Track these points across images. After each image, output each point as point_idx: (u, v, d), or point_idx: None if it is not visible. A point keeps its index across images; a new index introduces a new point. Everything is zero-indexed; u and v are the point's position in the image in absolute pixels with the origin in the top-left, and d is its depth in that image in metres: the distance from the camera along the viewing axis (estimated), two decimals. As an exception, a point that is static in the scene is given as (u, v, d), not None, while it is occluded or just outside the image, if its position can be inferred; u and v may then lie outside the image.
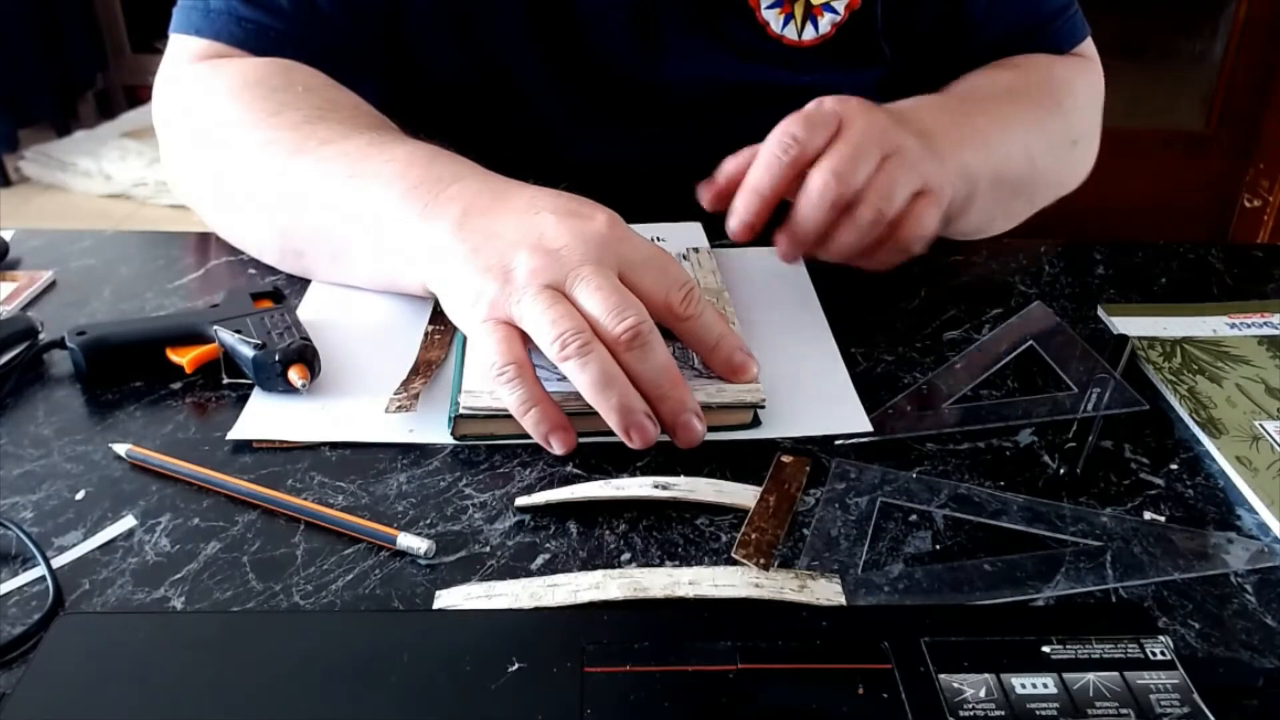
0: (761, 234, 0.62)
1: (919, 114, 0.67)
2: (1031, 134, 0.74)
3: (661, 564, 0.45)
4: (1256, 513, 0.48)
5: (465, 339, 0.56)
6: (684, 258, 0.66)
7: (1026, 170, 0.74)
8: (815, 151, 0.60)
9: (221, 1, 0.69)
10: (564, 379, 0.53)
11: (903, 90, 0.81)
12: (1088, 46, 0.82)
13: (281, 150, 0.62)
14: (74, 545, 0.46)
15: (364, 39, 0.72)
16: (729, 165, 0.64)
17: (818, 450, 0.52)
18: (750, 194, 0.61)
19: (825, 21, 0.74)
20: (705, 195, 0.65)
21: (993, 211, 0.74)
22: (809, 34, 0.74)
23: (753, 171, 0.61)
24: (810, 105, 0.63)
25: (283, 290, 0.63)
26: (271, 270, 0.68)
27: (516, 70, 0.75)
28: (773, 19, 0.73)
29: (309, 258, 0.65)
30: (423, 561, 0.45)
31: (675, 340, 0.54)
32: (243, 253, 0.70)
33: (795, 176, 0.61)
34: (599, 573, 0.44)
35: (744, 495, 0.48)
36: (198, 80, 0.69)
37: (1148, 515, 0.48)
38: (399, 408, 0.53)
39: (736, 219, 0.61)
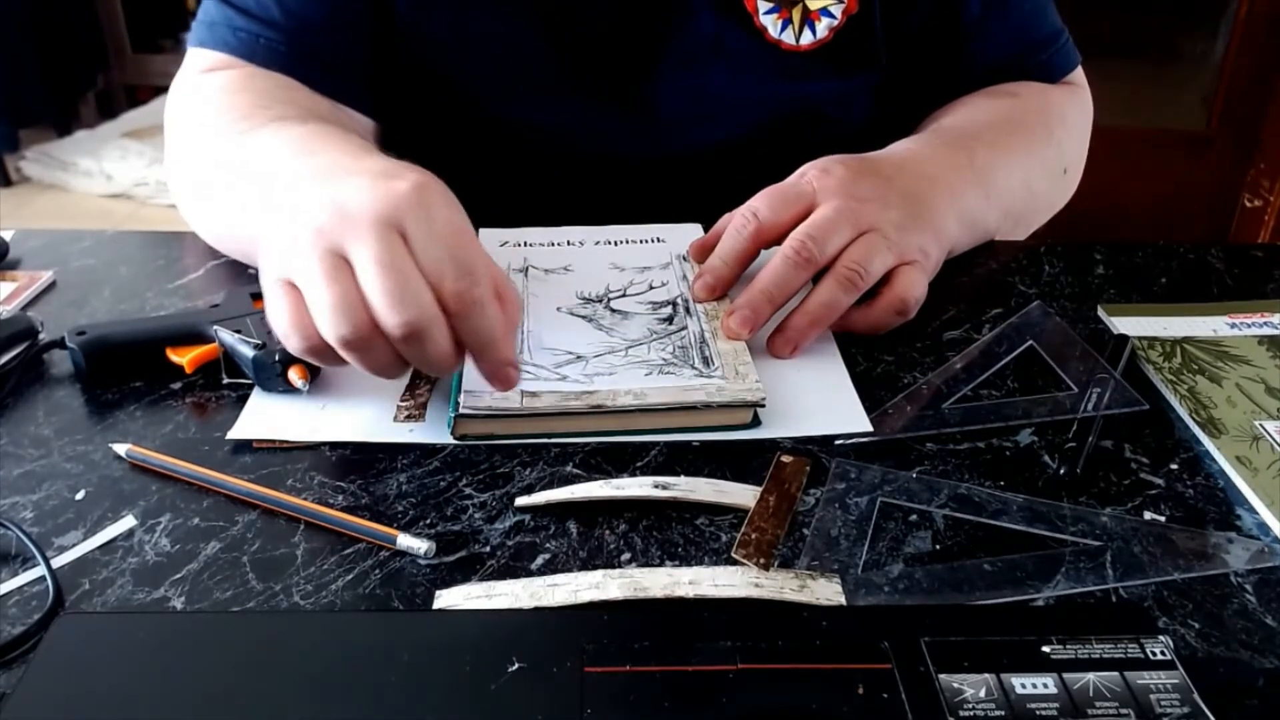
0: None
1: (919, 159, 0.68)
2: (1030, 165, 0.75)
3: (661, 564, 0.45)
4: (1256, 513, 0.48)
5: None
6: (683, 259, 0.66)
7: (1027, 200, 0.76)
8: (775, 227, 0.61)
9: (221, 15, 0.71)
10: (562, 379, 0.53)
11: (900, 98, 0.81)
12: (1078, 75, 0.83)
13: (226, 144, 0.64)
14: (74, 545, 0.46)
15: (357, 44, 0.73)
16: (701, 241, 0.66)
17: (818, 450, 0.52)
18: (713, 258, 0.62)
19: (823, 26, 0.74)
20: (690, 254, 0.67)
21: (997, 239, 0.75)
22: (806, 39, 0.74)
23: (723, 239, 0.62)
24: (792, 176, 0.63)
25: (283, 290, 0.63)
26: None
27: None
28: (770, 24, 0.73)
29: (238, 232, 0.66)
30: (423, 561, 0.45)
31: (669, 337, 0.54)
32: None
33: (755, 249, 0.62)
34: (599, 573, 0.44)
35: (744, 495, 0.48)
36: (193, 89, 0.71)
37: (1148, 515, 0.48)
38: (409, 416, 0.53)
39: (700, 280, 0.62)
